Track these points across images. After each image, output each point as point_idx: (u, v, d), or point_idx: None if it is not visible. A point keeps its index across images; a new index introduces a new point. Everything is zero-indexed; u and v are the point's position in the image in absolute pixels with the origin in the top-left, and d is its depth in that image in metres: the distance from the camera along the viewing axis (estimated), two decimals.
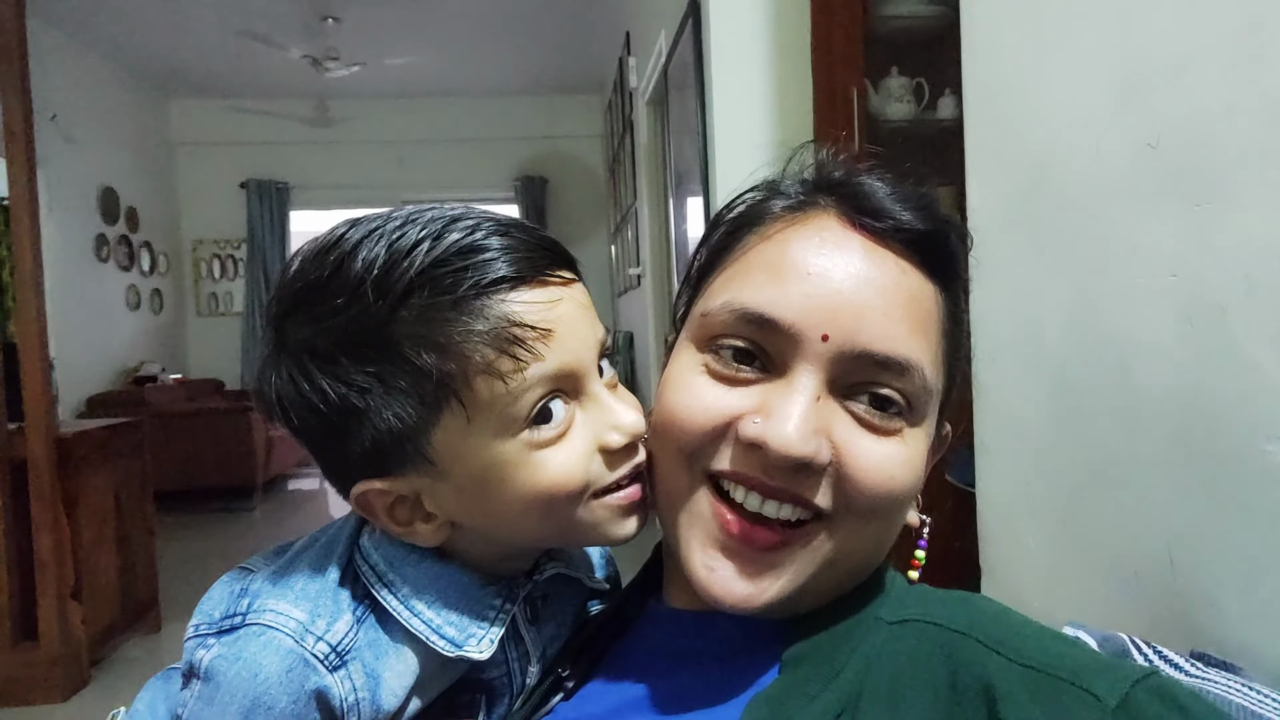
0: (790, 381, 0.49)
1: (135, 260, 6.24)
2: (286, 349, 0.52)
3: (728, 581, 0.50)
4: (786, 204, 0.56)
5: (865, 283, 0.50)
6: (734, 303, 0.51)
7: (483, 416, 0.49)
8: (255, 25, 5.30)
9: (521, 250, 0.51)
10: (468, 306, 0.49)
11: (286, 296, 0.53)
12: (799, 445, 0.47)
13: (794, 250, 0.51)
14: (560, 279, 0.53)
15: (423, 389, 0.49)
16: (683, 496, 0.53)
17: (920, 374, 0.50)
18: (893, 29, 2.50)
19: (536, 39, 5.92)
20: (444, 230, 0.51)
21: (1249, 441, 0.68)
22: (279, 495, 6.25)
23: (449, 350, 0.48)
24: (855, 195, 0.53)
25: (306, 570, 0.54)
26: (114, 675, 2.93)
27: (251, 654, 0.49)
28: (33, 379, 2.72)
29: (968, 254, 0.57)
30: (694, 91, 2.83)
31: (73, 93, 5.43)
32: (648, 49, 4.08)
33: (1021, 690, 0.43)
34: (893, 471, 0.50)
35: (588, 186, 7.21)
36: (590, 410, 0.53)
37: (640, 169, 4.58)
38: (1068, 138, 0.93)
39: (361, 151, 7.14)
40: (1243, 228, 0.68)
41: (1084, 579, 0.92)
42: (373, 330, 0.49)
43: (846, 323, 0.49)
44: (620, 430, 0.53)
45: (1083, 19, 0.90)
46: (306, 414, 0.51)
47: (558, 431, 0.51)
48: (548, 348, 0.50)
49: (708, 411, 0.51)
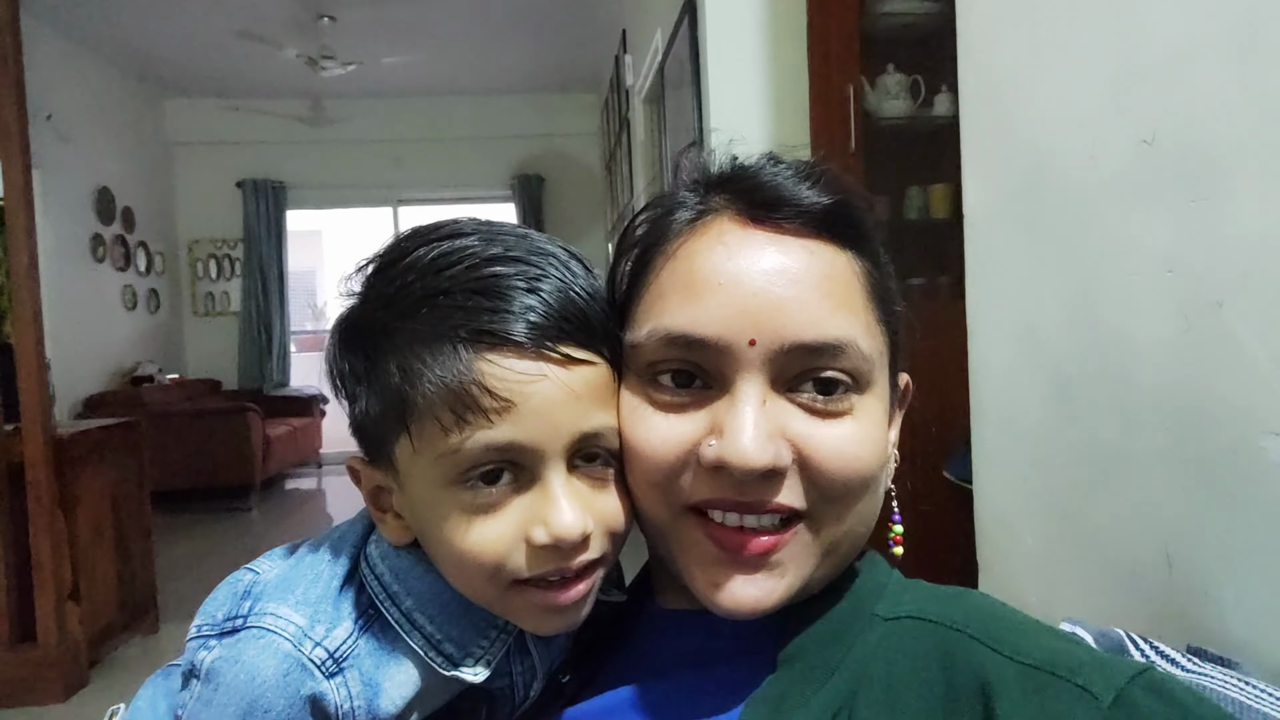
0: (733, 395, 0.50)
1: (131, 260, 6.22)
2: (341, 312, 0.55)
3: (736, 593, 0.50)
4: (686, 217, 0.55)
5: (776, 276, 0.50)
6: (658, 330, 0.51)
7: (426, 454, 0.50)
8: (251, 25, 5.28)
9: (536, 314, 0.50)
10: (445, 347, 0.49)
11: (365, 264, 0.55)
12: (757, 456, 0.47)
13: (700, 263, 0.51)
14: (561, 357, 0.50)
15: (386, 398, 0.51)
16: (669, 528, 0.53)
17: (854, 348, 0.50)
18: (889, 26, 2.50)
19: (532, 38, 5.91)
20: (487, 261, 0.51)
21: (1246, 437, 0.68)
22: (277, 495, 6.25)
23: (412, 379, 0.49)
24: (749, 190, 0.53)
25: (310, 574, 0.54)
26: (112, 676, 2.93)
27: (250, 657, 0.49)
28: (29, 380, 2.71)
29: (870, 209, 0.56)
30: (690, 89, 2.83)
31: (68, 92, 5.41)
32: (644, 47, 4.08)
33: (1017, 687, 0.43)
34: (855, 451, 0.50)
35: (585, 184, 7.20)
36: (534, 497, 0.50)
37: (637, 166, 4.58)
38: (1064, 134, 0.93)
39: (358, 151, 7.13)
40: (1238, 223, 0.68)
41: (1081, 575, 0.92)
42: (376, 327, 0.51)
43: (768, 322, 0.49)
44: (547, 529, 0.49)
45: (1078, 16, 0.90)
46: (330, 374, 0.55)
47: (488, 502, 0.50)
48: (502, 419, 0.48)
49: (665, 444, 0.51)
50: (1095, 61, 0.86)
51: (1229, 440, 0.70)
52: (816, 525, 0.51)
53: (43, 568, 2.71)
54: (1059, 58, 0.94)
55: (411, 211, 7.28)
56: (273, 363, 7.09)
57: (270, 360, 7.08)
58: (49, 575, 2.72)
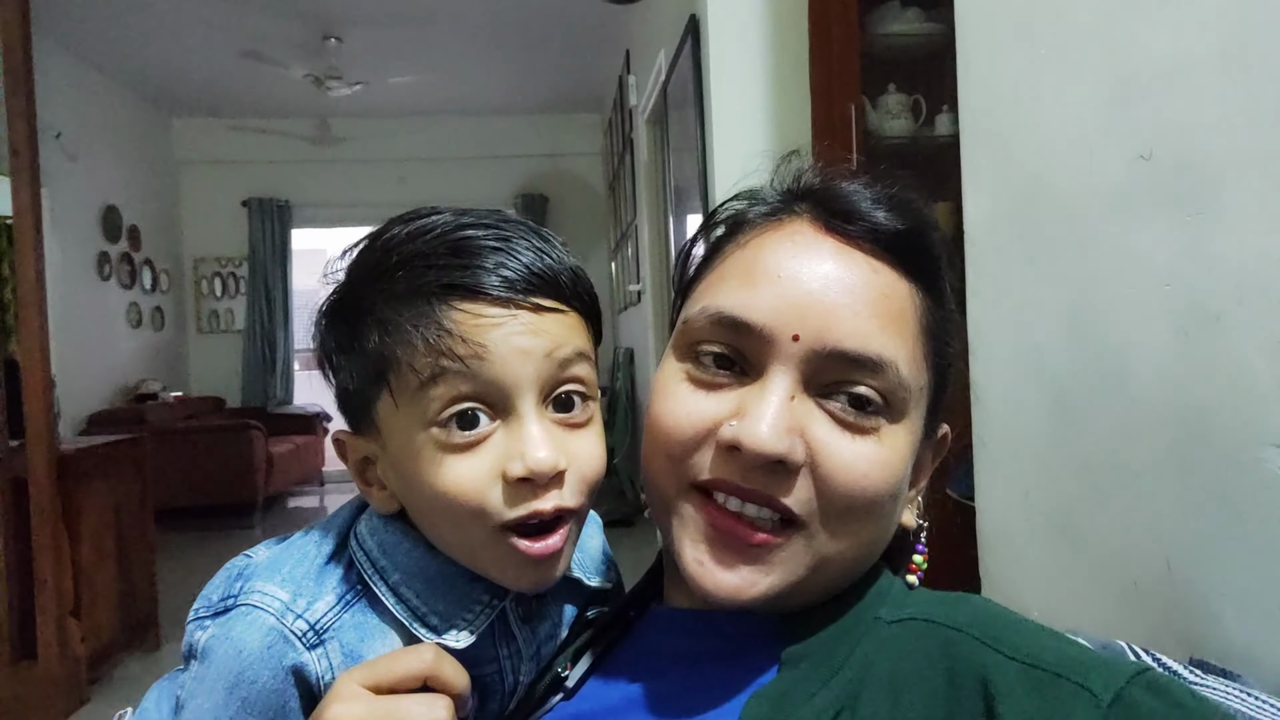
0: (764, 383, 0.51)
1: (137, 278, 6.25)
2: (325, 295, 0.58)
3: (717, 574, 0.51)
4: (764, 211, 0.57)
5: (835, 283, 0.51)
6: (710, 308, 0.53)
7: (405, 405, 0.52)
8: (258, 46, 5.34)
9: (509, 268, 0.52)
10: (418, 301, 0.51)
11: (347, 250, 0.58)
12: (771, 442, 0.48)
13: (766, 255, 0.53)
14: (530, 305, 0.52)
15: (366, 361, 0.53)
16: (673, 502, 0.54)
17: (895, 370, 0.50)
18: (890, 47, 2.52)
19: (537, 58, 5.97)
20: (459, 227, 0.53)
21: (1246, 449, 0.68)
22: (280, 513, 6.24)
23: (390, 333, 0.51)
24: (829, 200, 0.55)
25: (297, 554, 0.56)
26: (113, 694, 2.91)
27: (238, 633, 0.51)
28: (34, 396, 2.72)
29: (948, 252, 0.58)
30: (693, 109, 2.86)
31: (77, 111, 5.46)
32: (647, 67, 4.11)
33: (1019, 686, 0.44)
34: (866, 470, 0.50)
35: (588, 204, 7.24)
36: (509, 434, 0.52)
37: (640, 186, 4.61)
38: (1062, 151, 0.94)
39: (363, 170, 7.18)
40: (1236, 237, 0.69)
41: (1083, 588, 0.92)
42: (355, 297, 0.54)
43: (816, 322, 0.50)
44: (522, 461, 0.51)
45: (1075, 35, 0.91)
46: (317, 354, 0.58)
47: (466, 440, 0.51)
48: (475, 361, 0.50)
49: (689, 417, 0.52)
50: (1092, 79, 0.88)
51: (1229, 452, 0.70)
52: (811, 537, 0.51)
53: (45, 584, 2.71)
54: (1057, 76, 0.95)
55: None
56: (276, 381, 7.11)
57: (274, 378, 7.10)
58: (51, 592, 2.71)
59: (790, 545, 0.51)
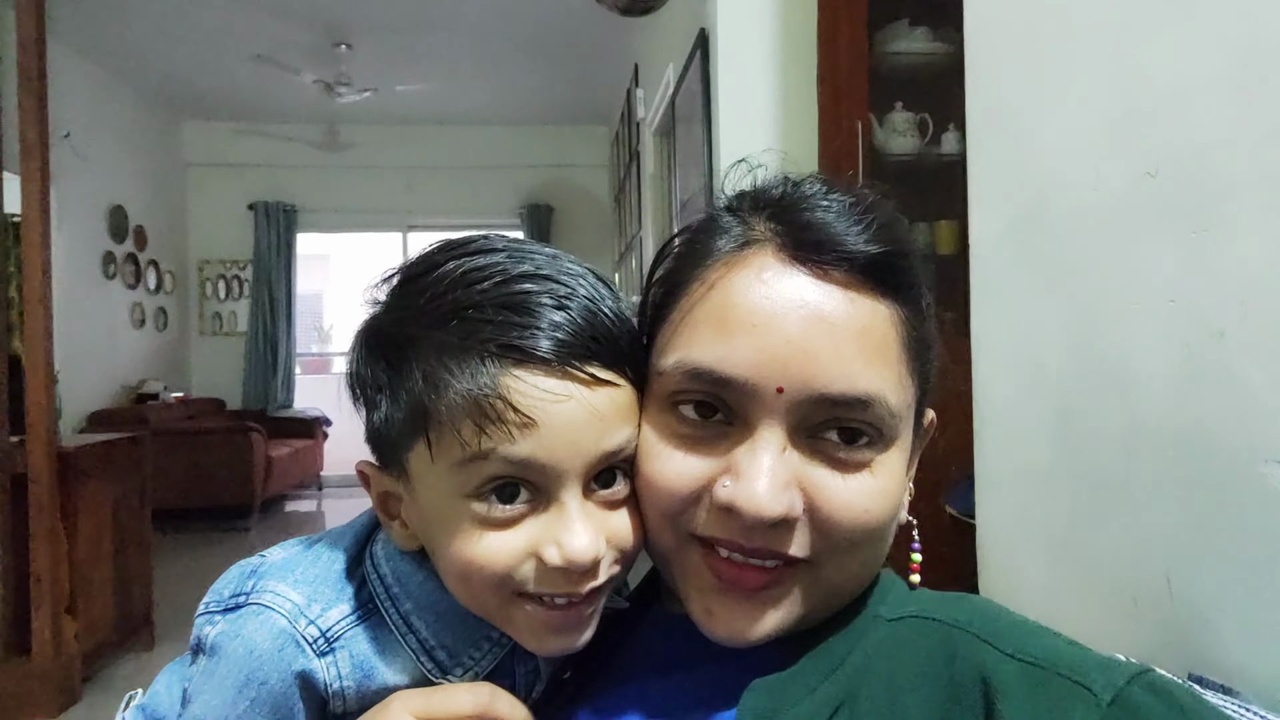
0: (754, 440, 0.49)
1: (141, 278, 6.27)
2: (365, 319, 0.56)
3: (728, 621, 0.51)
4: (724, 244, 0.54)
5: (812, 324, 0.49)
6: (685, 362, 0.50)
7: (443, 464, 0.50)
8: (269, 50, 5.37)
9: (564, 332, 0.50)
10: (472, 359, 0.49)
11: (392, 275, 0.56)
12: (770, 506, 0.47)
13: (737, 299, 0.50)
14: (586, 377, 0.50)
15: (407, 409, 0.51)
16: (673, 554, 0.53)
17: (883, 403, 0.49)
18: (897, 65, 2.54)
19: (546, 70, 6.00)
20: (516, 279, 0.51)
21: (1247, 465, 0.69)
22: (276, 516, 6.23)
23: (437, 389, 0.49)
24: (796, 228, 0.52)
25: (312, 558, 0.56)
26: (105, 693, 2.90)
27: (249, 631, 0.51)
28: (37, 393, 2.73)
29: (918, 261, 0.55)
30: (701, 123, 2.87)
31: (87, 112, 5.49)
32: (655, 81, 4.13)
33: (1019, 684, 0.44)
34: (866, 505, 0.50)
35: (593, 215, 7.26)
36: (549, 516, 0.50)
37: (645, 199, 4.63)
38: (1068, 169, 0.95)
39: (370, 176, 7.21)
40: (1239, 254, 0.69)
41: (1083, 603, 0.93)
42: (403, 337, 0.52)
43: (799, 371, 0.48)
44: (560, 550, 0.49)
45: (1081, 54, 0.92)
46: (350, 380, 0.56)
47: (505, 516, 0.50)
48: (523, 435, 0.48)
49: (681, 478, 0.51)
50: (1098, 97, 0.88)
51: (1230, 468, 0.71)
52: (817, 570, 0.51)
53: (41, 580, 2.71)
54: (1063, 94, 0.96)
55: (421, 237, 7.33)
56: (277, 384, 7.11)
57: (275, 381, 7.10)
58: (47, 587, 2.71)
59: (797, 582, 0.51)
